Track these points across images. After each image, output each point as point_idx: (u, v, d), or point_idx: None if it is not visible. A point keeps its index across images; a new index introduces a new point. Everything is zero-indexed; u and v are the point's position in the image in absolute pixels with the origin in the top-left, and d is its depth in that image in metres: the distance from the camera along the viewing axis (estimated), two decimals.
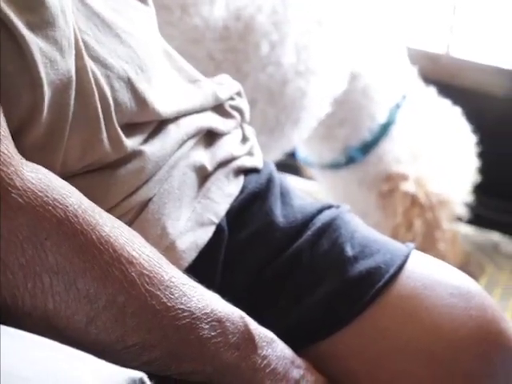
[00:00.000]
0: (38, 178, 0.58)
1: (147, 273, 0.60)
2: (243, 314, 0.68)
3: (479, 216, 2.09)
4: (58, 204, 0.57)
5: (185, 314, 0.62)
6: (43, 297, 0.56)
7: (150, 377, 0.52)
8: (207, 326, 0.63)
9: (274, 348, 0.70)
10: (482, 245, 2.05)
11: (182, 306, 0.62)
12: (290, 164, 2.02)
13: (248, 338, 0.67)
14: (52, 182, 0.58)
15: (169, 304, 0.61)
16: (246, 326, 0.67)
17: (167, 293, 0.61)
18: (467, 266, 1.80)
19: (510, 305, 1.83)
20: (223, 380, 0.66)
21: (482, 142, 2.09)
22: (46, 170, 0.59)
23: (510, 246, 2.06)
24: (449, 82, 2.02)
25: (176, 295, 0.62)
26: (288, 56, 1.40)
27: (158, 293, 0.61)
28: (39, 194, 0.57)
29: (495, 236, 2.09)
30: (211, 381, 0.65)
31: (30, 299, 0.56)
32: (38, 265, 0.56)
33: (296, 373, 0.71)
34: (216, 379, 0.65)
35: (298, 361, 0.73)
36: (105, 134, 0.67)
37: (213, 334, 0.64)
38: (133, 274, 0.59)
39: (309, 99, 1.46)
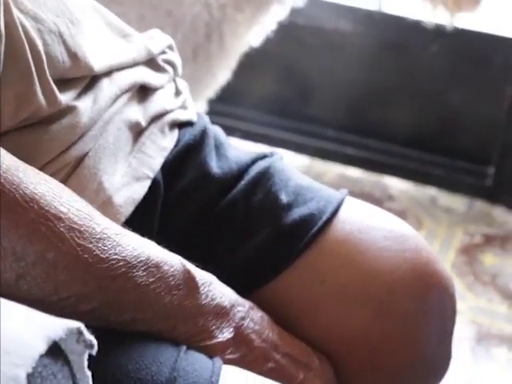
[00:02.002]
0: None
1: (77, 227, 0.60)
2: (180, 257, 0.68)
3: (416, 171, 2.13)
4: None
5: (120, 263, 0.62)
6: None
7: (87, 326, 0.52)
8: (144, 273, 0.63)
9: (216, 286, 0.70)
10: (419, 199, 2.08)
11: (116, 257, 0.61)
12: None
13: (188, 277, 0.67)
14: None
15: (102, 256, 0.61)
16: (184, 266, 0.67)
17: (100, 245, 0.61)
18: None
19: (448, 258, 1.86)
20: (166, 323, 0.66)
21: (415, 98, 2.12)
22: None
23: (447, 200, 2.10)
24: None
25: (109, 246, 0.61)
26: None
27: (90, 246, 0.60)
28: None
29: (432, 190, 2.12)
30: (152, 327, 0.65)
31: None
32: None
33: (240, 311, 0.72)
34: (158, 325, 0.65)
35: (241, 300, 0.73)
36: (39, 88, 0.66)
37: (151, 280, 0.64)
38: (61, 229, 0.59)
39: None
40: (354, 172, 2.18)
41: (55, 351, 0.45)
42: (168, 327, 0.66)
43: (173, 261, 0.66)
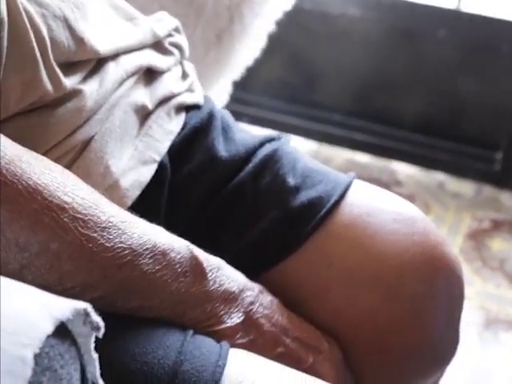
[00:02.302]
0: None
1: (81, 216, 0.59)
2: (188, 242, 0.67)
3: (423, 156, 2.12)
4: None
5: (125, 252, 0.61)
6: None
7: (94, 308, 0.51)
8: (151, 261, 0.63)
9: (224, 271, 0.70)
10: (427, 184, 2.08)
11: (121, 245, 0.61)
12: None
13: (196, 263, 0.66)
14: None
15: (107, 244, 0.60)
16: (191, 252, 0.66)
17: (105, 233, 0.60)
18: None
19: (456, 243, 1.86)
20: (174, 309, 0.65)
21: (423, 83, 2.11)
22: None
23: (455, 185, 2.09)
24: None
25: (114, 234, 0.61)
26: None
27: (95, 235, 0.59)
28: None
29: (440, 175, 2.12)
30: (161, 314, 0.65)
31: None
32: None
33: (249, 295, 0.71)
34: (166, 311, 0.65)
35: (250, 284, 0.73)
36: (44, 74, 0.65)
37: (157, 267, 0.63)
38: (65, 219, 0.58)
39: None
40: (362, 157, 2.18)
41: (62, 332, 0.45)
42: (176, 314, 0.66)
43: (180, 247, 0.66)
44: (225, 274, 0.69)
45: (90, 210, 0.60)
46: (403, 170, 2.13)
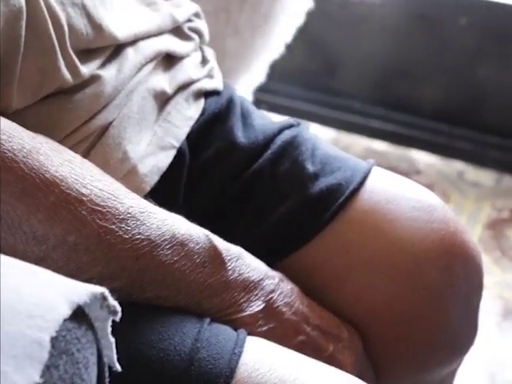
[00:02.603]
0: None
1: (99, 208, 0.59)
2: (207, 232, 0.67)
3: (443, 144, 2.11)
4: None
5: (144, 243, 0.61)
6: None
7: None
8: (169, 252, 0.62)
9: (244, 260, 0.69)
10: (446, 173, 2.07)
11: (139, 236, 0.60)
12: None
13: (214, 254, 0.66)
14: None
15: (125, 236, 0.60)
16: (211, 242, 0.66)
17: (123, 225, 0.60)
18: None
19: (475, 232, 1.85)
20: (191, 300, 0.65)
21: (443, 71, 2.10)
22: None
23: (475, 174, 2.08)
24: None
25: (133, 226, 0.60)
26: None
27: (113, 227, 0.59)
28: None
29: (460, 164, 2.11)
30: (177, 304, 0.65)
31: None
32: None
33: (270, 283, 0.71)
34: (182, 302, 0.65)
35: (271, 272, 0.73)
36: (62, 62, 0.65)
37: (176, 258, 0.63)
38: (83, 212, 0.58)
39: None
40: (381, 145, 2.17)
41: (79, 316, 0.45)
42: (193, 303, 0.65)
43: (199, 237, 0.65)
44: (244, 263, 0.69)
45: (109, 202, 0.60)
46: (422, 158, 2.12)
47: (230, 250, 0.68)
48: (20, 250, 0.56)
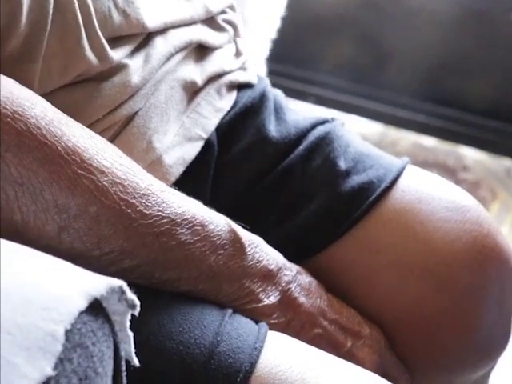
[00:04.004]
0: None
1: (120, 181, 0.59)
2: (226, 217, 0.67)
3: (491, 142, 2.08)
4: (17, 116, 0.55)
5: (163, 220, 0.60)
6: (9, 209, 0.55)
7: (130, 286, 0.51)
8: (189, 232, 0.62)
9: (263, 248, 0.69)
10: (494, 170, 2.04)
11: (159, 213, 0.60)
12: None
13: (234, 237, 0.66)
14: (13, 94, 0.56)
15: (145, 211, 0.60)
16: (230, 226, 0.66)
17: (143, 200, 0.60)
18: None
19: None
20: (211, 283, 0.65)
21: (494, 67, 2.07)
22: (10, 82, 0.57)
23: None
24: None
25: (153, 202, 0.60)
26: None
27: (134, 201, 0.59)
28: None
29: (508, 161, 2.08)
30: (197, 287, 0.65)
31: None
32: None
33: (287, 274, 0.70)
34: (203, 284, 0.64)
35: (289, 264, 0.72)
36: (87, 43, 0.65)
37: (196, 238, 0.62)
38: (104, 183, 0.58)
39: None
40: (429, 141, 2.15)
41: (96, 309, 0.45)
42: (213, 287, 0.65)
43: (219, 221, 0.65)
44: (263, 251, 0.69)
45: (129, 176, 0.59)
46: (470, 154, 2.09)
47: (249, 237, 0.68)
48: (41, 218, 0.56)
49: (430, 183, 0.81)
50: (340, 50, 2.21)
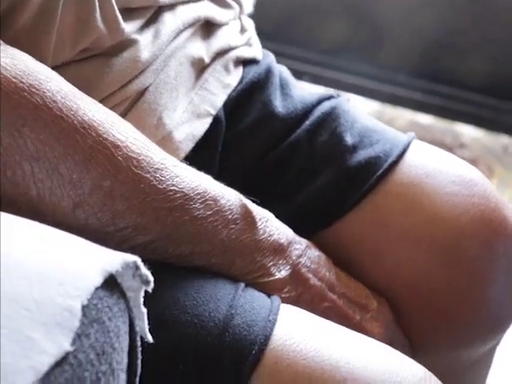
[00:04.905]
0: (12, 63, 0.55)
1: (135, 156, 0.58)
2: (238, 193, 0.67)
3: (488, 118, 2.08)
4: (34, 90, 0.55)
5: (177, 195, 0.60)
6: (25, 184, 0.55)
7: (144, 262, 0.51)
8: (202, 206, 0.62)
9: (273, 223, 0.69)
10: (491, 147, 2.04)
11: (173, 188, 0.60)
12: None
13: (246, 212, 0.66)
14: (29, 68, 0.56)
15: (159, 186, 0.60)
16: (241, 201, 0.66)
17: (157, 175, 0.60)
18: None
19: None
20: (224, 257, 0.65)
21: (491, 44, 2.06)
22: (26, 56, 0.57)
23: None
24: None
25: (167, 177, 0.60)
26: None
27: (148, 175, 0.59)
28: (13, 80, 0.54)
29: (505, 138, 2.08)
30: (210, 261, 0.65)
31: (12, 187, 0.55)
32: (16, 153, 0.54)
33: (297, 248, 0.71)
34: (216, 258, 0.65)
35: (298, 238, 0.72)
36: (98, 12, 0.65)
37: (208, 212, 0.63)
38: (119, 157, 0.58)
39: None
40: (426, 118, 2.15)
41: (111, 285, 0.45)
42: (225, 262, 0.65)
43: (230, 195, 0.65)
44: (274, 225, 0.69)
45: (143, 151, 0.59)
46: (467, 132, 2.09)
47: (260, 211, 0.68)
48: (57, 194, 0.56)
49: (436, 158, 0.81)
50: (335, 28, 2.21)
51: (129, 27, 0.69)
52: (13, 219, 0.48)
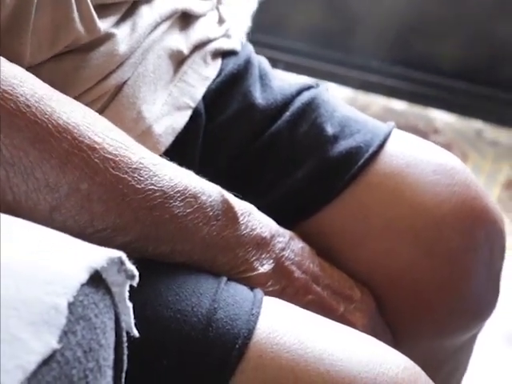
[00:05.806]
0: None
1: (112, 157, 0.58)
2: (219, 187, 0.66)
3: (461, 103, 2.09)
4: (7, 96, 0.54)
5: (156, 194, 0.60)
6: (1, 190, 0.54)
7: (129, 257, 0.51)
8: (182, 204, 0.61)
9: (255, 216, 0.68)
10: (464, 132, 2.05)
11: (152, 187, 0.59)
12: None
13: (227, 207, 0.65)
14: (2, 72, 0.55)
15: (138, 186, 0.59)
16: (223, 196, 0.65)
17: (135, 175, 0.59)
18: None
19: (494, 193, 1.84)
20: (205, 254, 0.65)
21: (463, 29, 2.07)
22: None
23: (493, 133, 2.06)
24: None
25: (145, 176, 0.59)
26: None
27: (125, 176, 0.58)
28: None
29: (478, 123, 2.09)
30: (192, 258, 0.64)
31: None
32: None
33: (281, 241, 0.70)
34: (197, 255, 0.64)
35: (281, 230, 0.72)
36: (76, 14, 0.64)
37: (189, 210, 0.62)
38: (95, 159, 0.57)
39: None
40: (399, 104, 2.16)
41: (96, 281, 0.44)
42: (207, 258, 0.65)
43: (211, 191, 0.65)
44: (256, 219, 0.68)
45: (121, 151, 0.59)
46: (441, 117, 2.10)
47: (242, 206, 0.67)
48: (33, 198, 0.55)
49: (417, 147, 0.81)
50: (308, 15, 2.20)
51: (105, 23, 0.68)
52: None
